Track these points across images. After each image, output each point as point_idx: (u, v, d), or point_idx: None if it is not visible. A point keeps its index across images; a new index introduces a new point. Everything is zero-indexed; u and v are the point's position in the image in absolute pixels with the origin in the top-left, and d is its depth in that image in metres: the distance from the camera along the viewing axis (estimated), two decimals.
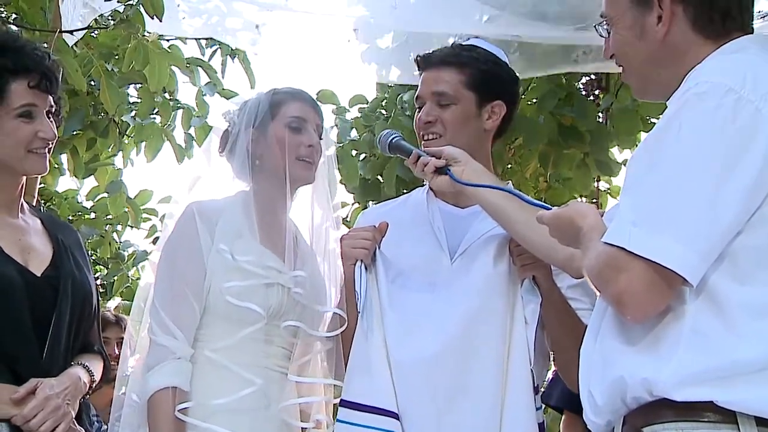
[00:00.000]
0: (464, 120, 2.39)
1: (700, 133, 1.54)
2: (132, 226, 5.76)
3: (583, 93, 4.57)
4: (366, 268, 2.31)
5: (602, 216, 1.73)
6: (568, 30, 3.11)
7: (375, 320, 2.26)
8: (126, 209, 5.48)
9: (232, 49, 4.77)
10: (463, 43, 2.49)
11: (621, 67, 1.84)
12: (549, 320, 2.27)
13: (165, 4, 3.52)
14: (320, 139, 2.41)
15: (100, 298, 2.53)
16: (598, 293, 1.66)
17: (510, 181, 2.64)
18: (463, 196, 2.33)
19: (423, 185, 2.51)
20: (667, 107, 1.70)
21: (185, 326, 2.22)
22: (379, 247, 2.34)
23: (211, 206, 2.35)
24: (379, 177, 4.46)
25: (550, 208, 1.86)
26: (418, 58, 2.49)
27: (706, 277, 1.55)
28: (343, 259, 2.34)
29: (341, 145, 4.39)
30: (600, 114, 4.52)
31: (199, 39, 4.48)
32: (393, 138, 2.36)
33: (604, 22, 1.83)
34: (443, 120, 2.38)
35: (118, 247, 5.98)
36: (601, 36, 1.85)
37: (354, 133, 4.57)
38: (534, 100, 4.43)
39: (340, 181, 4.49)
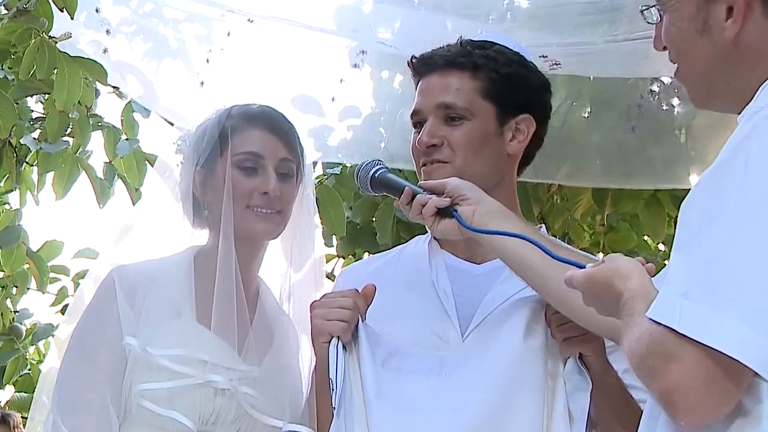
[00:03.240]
0: (481, 141, 2.42)
1: None
2: (34, 289, 5.71)
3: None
4: (344, 348, 2.30)
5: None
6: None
7: (357, 418, 2.25)
8: (26, 266, 5.44)
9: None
10: (475, 39, 2.51)
11: (675, 65, 1.85)
12: (602, 415, 2.27)
13: None
14: (291, 176, 2.40)
15: None
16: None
17: (543, 225, 2.64)
18: (479, 247, 2.34)
19: (425, 232, 2.50)
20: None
21: None
22: (363, 319, 2.34)
23: (141, 272, 2.34)
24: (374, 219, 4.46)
25: (583, 266, 1.84)
26: (414, 60, 2.51)
27: None
28: (313, 335, 2.34)
29: (320, 180, 4.38)
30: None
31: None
32: (377, 170, 2.36)
33: (657, 6, 1.84)
34: (451, 141, 2.40)
35: (13, 319, 5.90)
36: (649, 22, 1.86)
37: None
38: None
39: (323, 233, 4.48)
